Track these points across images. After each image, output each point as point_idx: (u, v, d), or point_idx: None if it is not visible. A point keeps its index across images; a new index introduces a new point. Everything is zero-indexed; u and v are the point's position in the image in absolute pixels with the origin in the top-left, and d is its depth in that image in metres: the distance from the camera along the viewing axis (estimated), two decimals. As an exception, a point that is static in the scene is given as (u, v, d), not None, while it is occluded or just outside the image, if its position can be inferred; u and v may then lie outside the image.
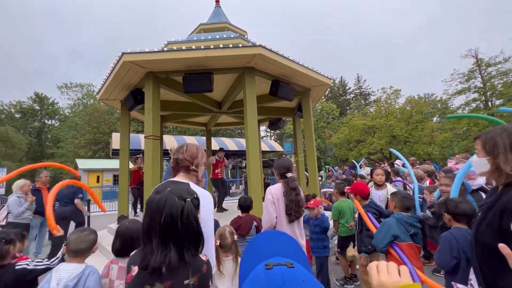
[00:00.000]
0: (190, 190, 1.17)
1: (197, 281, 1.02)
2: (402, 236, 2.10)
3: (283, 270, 0.50)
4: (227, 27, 6.49)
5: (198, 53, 4.23)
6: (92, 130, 29.91)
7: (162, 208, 1.02)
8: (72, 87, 38.73)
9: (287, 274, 0.49)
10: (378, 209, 2.85)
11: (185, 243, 1.02)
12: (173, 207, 1.03)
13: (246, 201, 3.04)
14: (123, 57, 4.26)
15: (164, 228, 1.00)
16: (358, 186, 3.02)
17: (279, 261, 0.53)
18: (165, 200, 1.04)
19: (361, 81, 41.08)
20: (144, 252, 1.01)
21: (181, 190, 1.12)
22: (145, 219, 1.05)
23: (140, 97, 5.04)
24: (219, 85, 5.60)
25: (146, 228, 1.03)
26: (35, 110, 37.54)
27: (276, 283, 0.47)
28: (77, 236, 1.62)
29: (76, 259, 1.59)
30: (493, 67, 19.64)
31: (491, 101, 20.46)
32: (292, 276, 0.48)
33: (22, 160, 31.45)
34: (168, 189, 1.10)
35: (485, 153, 1.10)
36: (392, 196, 2.45)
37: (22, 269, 1.72)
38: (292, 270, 0.50)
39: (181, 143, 1.70)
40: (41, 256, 5.03)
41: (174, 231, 1.01)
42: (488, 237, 1.02)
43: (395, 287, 0.52)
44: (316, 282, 0.50)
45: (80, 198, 4.95)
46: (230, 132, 37.15)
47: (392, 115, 21.98)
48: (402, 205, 2.31)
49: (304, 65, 5.06)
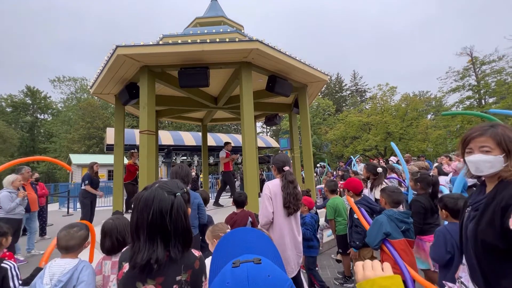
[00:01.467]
0: (180, 184, 1.13)
1: (189, 277, 1.01)
2: (394, 233, 2.09)
3: (249, 266, 0.50)
4: (224, 21, 6.40)
5: (194, 47, 4.16)
6: (86, 125, 29.51)
7: (151, 204, 0.99)
8: (65, 81, 38.07)
9: (253, 270, 0.49)
10: (370, 205, 2.85)
11: (172, 239, 1.00)
12: (162, 203, 1.00)
13: (241, 196, 3.04)
14: (117, 50, 4.17)
15: (152, 225, 0.98)
16: (351, 182, 3.00)
17: (247, 258, 0.53)
18: (154, 196, 1.01)
19: (357, 78, 41.24)
20: (133, 250, 0.99)
21: (171, 185, 1.09)
22: (133, 216, 1.02)
23: (135, 91, 4.95)
24: (215, 80, 5.54)
25: (135, 226, 1.00)
26: (27, 104, 36.81)
27: (241, 280, 0.47)
28: (66, 232, 1.58)
29: (68, 255, 1.56)
30: (487, 65, 19.90)
31: (484, 99, 20.75)
32: (257, 272, 0.48)
33: (14, 155, 30.92)
34: (156, 185, 1.07)
35: (501, 151, 1.07)
36: (381, 193, 2.43)
37: (5, 268, 1.70)
38: (258, 266, 0.50)
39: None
40: (34, 252, 4.99)
41: (162, 228, 0.99)
42: (490, 235, 0.99)
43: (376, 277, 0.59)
44: (282, 275, 0.50)
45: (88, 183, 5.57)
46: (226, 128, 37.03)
47: (387, 112, 22.15)
48: (391, 200, 2.29)
49: (301, 60, 5.03)
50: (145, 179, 4.27)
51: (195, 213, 2.59)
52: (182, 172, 2.57)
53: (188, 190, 1.17)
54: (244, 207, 3.05)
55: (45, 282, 1.44)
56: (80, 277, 1.48)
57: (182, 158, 15.64)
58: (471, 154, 1.15)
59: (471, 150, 1.15)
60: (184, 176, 2.56)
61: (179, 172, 2.56)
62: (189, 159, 16.00)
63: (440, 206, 1.99)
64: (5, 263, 1.73)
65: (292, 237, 2.29)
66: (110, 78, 5.02)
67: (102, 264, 1.59)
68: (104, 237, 1.62)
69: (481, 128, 1.16)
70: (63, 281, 1.43)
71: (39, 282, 1.44)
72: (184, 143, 14.70)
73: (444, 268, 1.77)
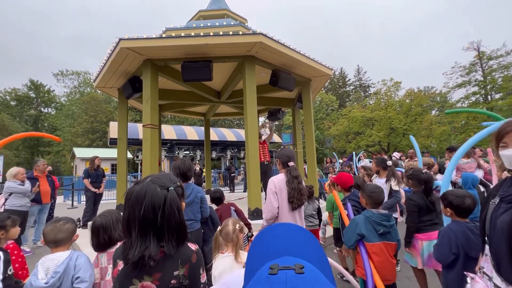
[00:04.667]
0: (173, 178, 1.09)
1: (187, 271, 0.99)
2: (369, 235, 2.00)
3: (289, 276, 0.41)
4: (227, 14, 6.33)
5: (197, 40, 4.12)
6: (89, 119, 29.61)
7: (142, 199, 0.96)
8: (68, 75, 38.05)
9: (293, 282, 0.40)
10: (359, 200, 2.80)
11: (166, 234, 0.98)
12: (155, 198, 0.97)
13: (216, 194, 3.14)
14: (120, 43, 4.15)
15: (144, 220, 0.95)
16: (341, 177, 2.94)
17: (287, 263, 0.44)
18: (145, 191, 0.97)
19: (361, 73, 40.75)
20: (125, 246, 0.97)
21: (163, 179, 1.05)
22: (124, 212, 0.99)
23: (138, 85, 4.94)
24: (219, 74, 5.50)
25: (126, 222, 0.98)
26: (31, 98, 36.98)
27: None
28: (53, 227, 1.57)
29: (59, 249, 1.55)
30: (494, 60, 19.52)
31: (490, 95, 20.44)
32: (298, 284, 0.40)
33: (18, 148, 31.26)
34: (148, 179, 1.03)
35: None
36: (361, 192, 2.30)
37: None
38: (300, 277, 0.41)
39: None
40: (40, 243, 5.07)
41: (154, 223, 0.96)
42: None
43: None
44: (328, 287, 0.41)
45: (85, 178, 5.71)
46: (229, 123, 37.00)
47: (391, 108, 21.92)
48: (372, 201, 2.15)
49: (305, 54, 4.97)
50: (148, 172, 4.29)
51: (198, 206, 2.60)
52: (184, 167, 2.56)
53: (181, 184, 1.13)
54: (222, 202, 3.17)
55: (41, 277, 1.41)
56: (76, 265, 1.47)
57: (185, 153, 15.69)
58: (506, 148, 1.16)
59: (505, 144, 1.17)
60: (186, 171, 2.56)
61: (182, 167, 2.55)
62: (192, 153, 16.05)
63: (444, 204, 1.89)
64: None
65: None
66: (113, 71, 5.01)
67: (98, 257, 1.59)
68: (92, 234, 1.61)
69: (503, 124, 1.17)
70: (59, 272, 1.42)
71: (34, 279, 1.41)
72: (187, 138, 14.73)
73: (448, 267, 1.76)
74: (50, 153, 32.52)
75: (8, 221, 1.96)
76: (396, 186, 3.42)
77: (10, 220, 1.98)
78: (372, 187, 2.26)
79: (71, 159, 23.44)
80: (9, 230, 1.94)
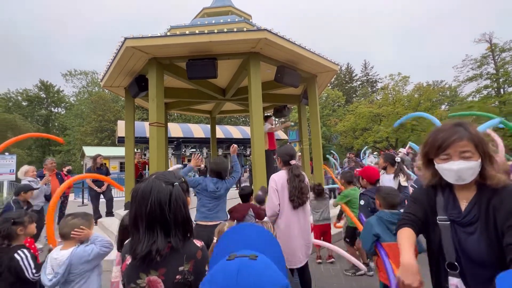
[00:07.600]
0: (178, 174, 1.12)
1: (191, 267, 1.01)
2: (383, 235, 1.98)
3: (242, 261, 0.49)
4: (231, 10, 6.29)
5: (202, 38, 4.12)
6: (97, 118, 30.13)
7: (148, 195, 0.99)
8: (77, 75, 38.73)
9: (245, 265, 0.48)
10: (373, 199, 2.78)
11: (172, 229, 1.01)
12: (161, 193, 1.00)
13: (243, 191, 3.04)
14: (125, 42, 4.18)
15: (151, 216, 0.98)
16: (367, 170, 2.93)
17: (244, 253, 0.52)
18: (151, 187, 1.00)
19: (368, 68, 40.08)
20: (133, 242, 1.00)
21: (168, 175, 1.09)
22: (131, 208, 1.02)
23: (144, 84, 4.98)
24: (224, 71, 5.49)
25: (133, 218, 1.01)
26: (41, 98, 37.80)
27: (230, 274, 0.47)
28: (63, 221, 1.74)
29: (66, 243, 1.70)
30: (507, 52, 18.90)
31: (503, 88, 19.84)
32: (249, 268, 0.48)
33: (31, 147, 32.10)
34: (153, 176, 1.06)
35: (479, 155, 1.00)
36: (376, 194, 2.30)
37: (16, 260, 1.78)
38: (252, 262, 0.49)
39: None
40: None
41: (161, 218, 0.99)
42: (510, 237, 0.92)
43: None
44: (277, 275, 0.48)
45: None
46: (235, 120, 37.05)
47: (399, 103, 21.54)
48: (386, 203, 2.16)
49: (310, 50, 4.91)
50: (155, 170, 4.33)
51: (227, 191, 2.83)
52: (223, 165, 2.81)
53: (186, 180, 1.16)
54: (249, 201, 3.03)
55: (48, 271, 1.56)
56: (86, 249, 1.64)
57: (191, 150, 15.81)
58: (449, 161, 1.01)
59: (448, 156, 1.01)
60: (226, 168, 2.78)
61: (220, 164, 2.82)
62: (198, 151, 16.16)
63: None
64: (18, 254, 1.81)
65: (300, 227, 2.30)
66: (119, 70, 5.06)
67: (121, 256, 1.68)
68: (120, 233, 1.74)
69: (453, 129, 1.02)
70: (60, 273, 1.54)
71: (43, 274, 1.57)
72: (193, 135, 14.82)
73: None
74: (60, 152, 33.31)
75: (26, 217, 2.03)
76: (405, 182, 3.37)
77: (28, 216, 2.06)
78: (387, 189, 2.25)
79: (81, 158, 23.94)
80: (27, 226, 2.01)
